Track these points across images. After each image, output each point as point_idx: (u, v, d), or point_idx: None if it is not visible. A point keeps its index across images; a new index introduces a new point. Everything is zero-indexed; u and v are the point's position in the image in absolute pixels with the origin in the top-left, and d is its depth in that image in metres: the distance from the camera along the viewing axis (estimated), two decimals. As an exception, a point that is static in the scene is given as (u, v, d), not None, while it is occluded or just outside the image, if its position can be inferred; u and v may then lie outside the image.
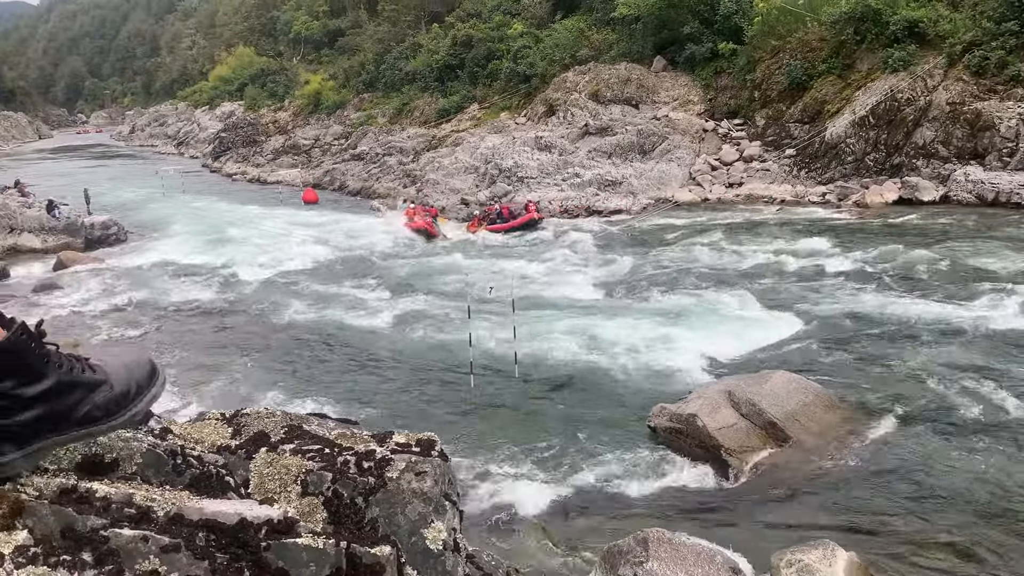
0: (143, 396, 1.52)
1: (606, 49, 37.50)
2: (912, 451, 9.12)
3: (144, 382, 1.53)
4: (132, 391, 1.52)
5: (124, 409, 1.51)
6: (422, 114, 44.11)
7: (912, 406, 10.22)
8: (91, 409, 1.47)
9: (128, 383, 1.52)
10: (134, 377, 1.53)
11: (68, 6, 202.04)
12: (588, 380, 12.36)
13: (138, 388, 1.53)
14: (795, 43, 30.57)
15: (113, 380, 1.52)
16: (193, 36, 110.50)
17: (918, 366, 11.59)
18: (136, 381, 1.53)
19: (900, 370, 11.52)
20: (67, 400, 1.45)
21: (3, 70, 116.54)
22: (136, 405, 1.51)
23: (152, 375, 1.55)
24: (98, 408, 1.48)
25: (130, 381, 1.52)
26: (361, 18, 62.87)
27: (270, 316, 17.12)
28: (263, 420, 1.91)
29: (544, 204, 27.73)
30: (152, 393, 1.54)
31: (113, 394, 1.50)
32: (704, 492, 8.74)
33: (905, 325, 13.47)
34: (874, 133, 26.21)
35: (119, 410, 1.50)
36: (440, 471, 1.78)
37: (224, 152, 52.19)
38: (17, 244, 25.09)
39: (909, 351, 12.27)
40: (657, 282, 17.72)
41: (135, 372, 1.54)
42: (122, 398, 1.51)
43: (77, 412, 1.46)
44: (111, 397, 1.50)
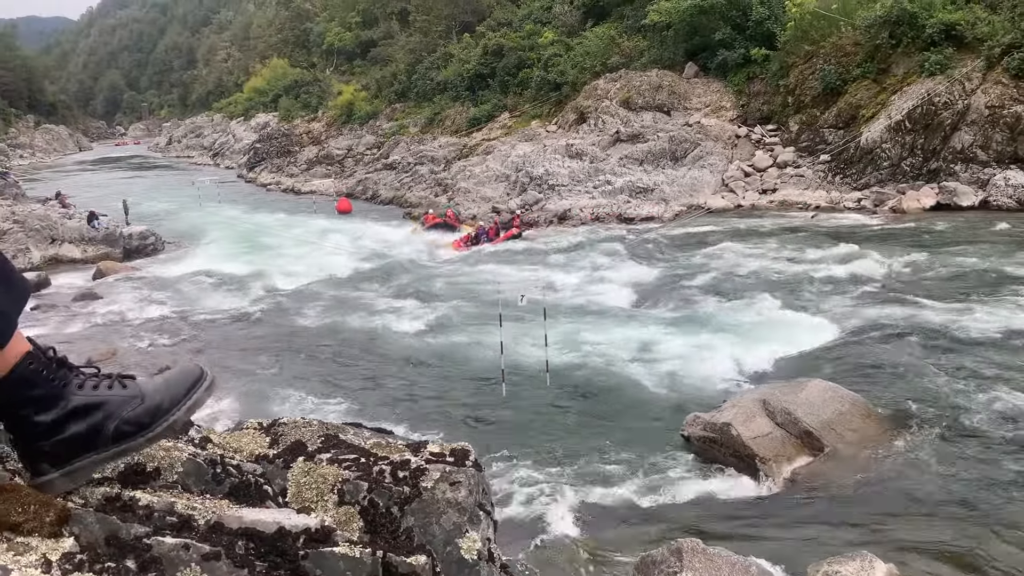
0: (181, 406, 1.51)
1: (637, 56, 37.42)
2: (953, 463, 8.94)
3: (181, 393, 1.53)
4: (165, 403, 1.51)
5: (157, 422, 1.50)
6: (453, 123, 44.32)
7: (953, 416, 10.02)
8: (120, 424, 1.48)
9: (162, 395, 1.52)
10: (170, 389, 1.52)
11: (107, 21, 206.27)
12: (620, 388, 12.30)
13: (172, 400, 1.51)
14: (829, 48, 30.26)
15: (146, 394, 1.52)
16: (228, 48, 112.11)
17: (959, 375, 11.38)
18: (171, 393, 1.52)
19: (940, 379, 11.31)
20: (92, 419, 1.46)
21: (45, 84, 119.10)
22: (172, 415, 1.51)
23: (196, 382, 1.55)
24: (128, 423, 1.48)
25: (164, 393, 1.51)
26: (393, 29, 63.35)
27: (304, 324, 17.29)
28: (300, 429, 1.93)
29: (576, 211, 27.73)
30: (194, 399, 1.53)
31: (144, 408, 1.50)
32: (739, 502, 8.65)
33: (944, 333, 13.23)
34: (911, 138, 25.84)
35: (152, 423, 1.49)
36: (474, 481, 1.79)
37: (259, 163, 52.84)
38: (58, 254, 25.62)
39: (948, 360, 12.05)
40: (690, 290, 17.61)
41: (173, 384, 1.54)
42: (154, 411, 1.50)
43: (107, 429, 1.47)
44: (142, 411, 1.49)
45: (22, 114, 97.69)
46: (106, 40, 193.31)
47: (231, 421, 10.17)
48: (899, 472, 8.77)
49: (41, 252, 25.17)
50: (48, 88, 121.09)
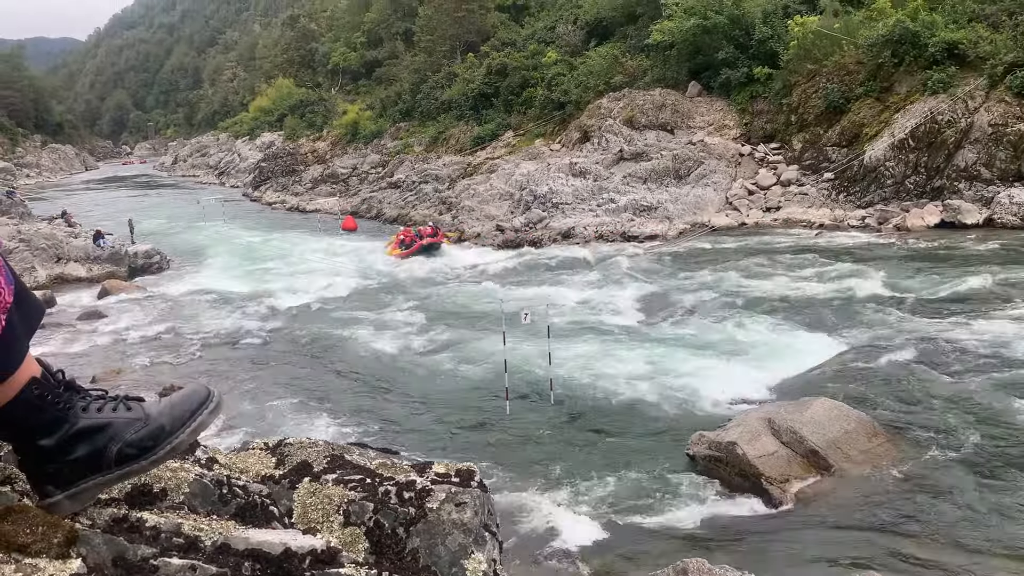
0: (185, 427, 1.51)
1: (640, 75, 37.61)
2: (958, 482, 8.89)
3: (187, 415, 1.52)
4: (168, 425, 1.50)
5: (160, 445, 1.49)
6: (457, 142, 44.51)
7: (959, 436, 9.98)
8: (123, 447, 1.48)
9: (166, 417, 1.52)
10: (174, 411, 1.52)
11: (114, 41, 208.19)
12: (625, 407, 12.28)
13: (176, 422, 1.51)
14: (831, 66, 30.38)
15: (150, 416, 1.52)
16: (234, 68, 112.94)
17: (963, 393, 11.34)
18: (175, 415, 1.52)
19: (944, 397, 11.27)
20: (96, 442, 1.47)
21: (52, 104, 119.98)
22: (176, 437, 1.50)
23: (202, 404, 1.55)
24: (131, 446, 1.48)
25: (169, 415, 1.51)
26: (398, 49, 63.77)
27: (307, 343, 17.30)
28: (305, 450, 1.94)
29: (579, 230, 27.78)
30: (198, 421, 1.52)
31: (146, 431, 1.50)
32: (744, 521, 8.61)
33: (950, 352, 13.18)
34: (914, 156, 25.88)
35: (155, 446, 1.49)
36: (480, 502, 1.79)
37: (264, 181, 53.08)
38: (64, 273, 25.71)
39: (953, 378, 12.01)
40: (694, 308, 17.60)
41: (178, 406, 1.54)
42: (157, 433, 1.50)
43: (110, 452, 1.47)
44: (144, 434, 1.49)
45: (29, 134, 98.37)
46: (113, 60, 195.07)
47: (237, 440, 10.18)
48: (905, 492, 8.72)
49: (47, 271, 25.27)
50: (55, 108, 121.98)
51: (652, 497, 9.19)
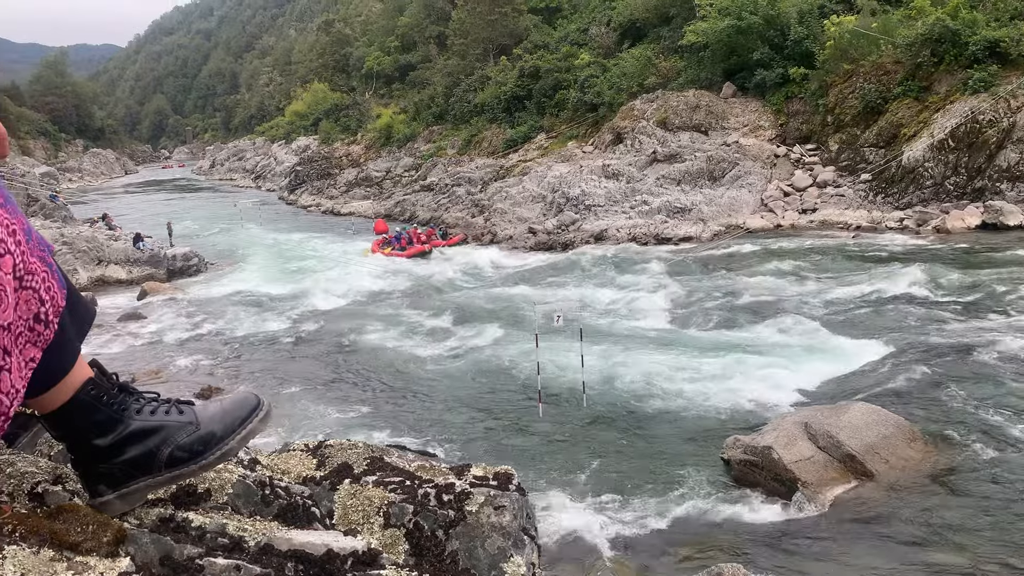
0: (235, 435, 1.54)
1: (674, 76, 37.42)
2: (1000, 492, 8.71)
3: (237, 422, 1.55)
4: (219, 432, 1.53)
5: (210, 451, 1.52)
6: (490, 145, 44.61)
7: (999, 443, 9.78)
8: (174, 451, 1.51)
9: (217, 423, 1.54)
10: (226, 417, 1.55)
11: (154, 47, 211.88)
12: (658, 410, 12.21)
13: (227, 428, 1.54)
14: (869, 66, 29.97)
15: (201, 421, 1.55)
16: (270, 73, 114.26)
17: (1004, 400, 11.11)
18: (226, 421, 1.55)
19: (985, 403, 11.05)
20: (148, 444, 1.50)
21: (93, 109, 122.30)
22: (227, 444, 1.53)
23: (252, 412, 1.57)
24: (182, 449, 1.51)
25: (220, 421, 1.54)
26: (431, 53, 64.08)
27: (341, 344, 17.45)
28: (346, 451, 1.96)
29: (612, 232, 27.71)
30: (248, 429, 1.55)
31: (197, 436, 1.52)
32: (780, 527, 8.51)
33: (990, 356, 12.92)
34: (954, 156, 25.43)
35: (205, 451, 1.52)
36: (518, 505, 1.80)
37: (299, 185, 53.65)
38: (104, 275, 26.20)
39: (995, 383, 11.77)
40: (728, 310, 17.46)
41: (229, 413, 1.56)
42: (208, 439, 1.52)
43: (161, 454, 1.50)
44: (195, 439, 1.52)
45: (71, 138, 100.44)
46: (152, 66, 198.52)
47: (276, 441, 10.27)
48: (945, 500, 8.57)
49: (88, 273, 25.76)
50: (96, 113, 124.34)
51: (686, 501, 9.13)
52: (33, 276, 1.32)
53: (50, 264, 1.38)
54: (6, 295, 1.26)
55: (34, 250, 1.34)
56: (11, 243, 1.27)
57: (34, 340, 1.33)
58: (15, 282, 1.28)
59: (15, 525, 1.34)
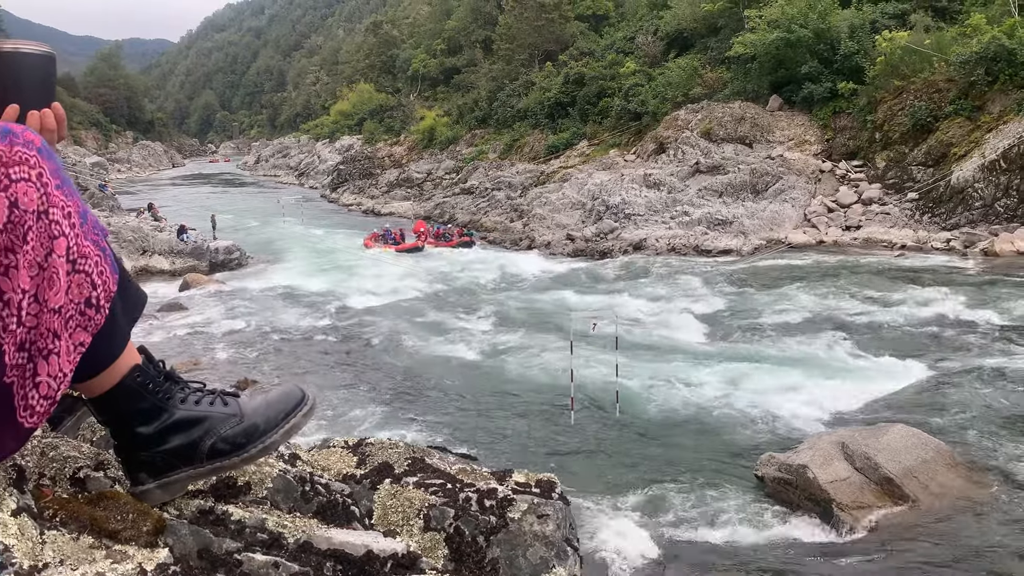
0: (278, 429, 1.51)
1: (720, 88, 37.10)
2: (1046, 520, 8.46)
3: (280, 416, 1.52)
4: (262, 425, 1.51)
5: (252, 444, 1.50)
6: (531, 150, 44.62)
7: (1045, 472, 9.51)
8: (216, 442, 1.49)
9: (260, 416, 1.52)
10: (269, 411, 1.53)
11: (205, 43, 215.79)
12: (692, 423, 12.08)
13: (270, 422, 1.51)
14: (920, 84, 29.46)
15: (245, 414, 1.53)
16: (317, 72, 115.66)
17: (1053, 428, 10.81)
18: (269, 415, 1.52)
19: (1032, 431, 10.76)
20: (192, 434, 1.48)
21: (144, 102, 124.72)
22: (269, 438, 1.50)
23: (297, 406, 1.55)
24: (224, 441, 1.49)
25: (263, 414, 1.52)
26: (476, 57, 64.35)
27: (379, 343, 17.54)
28: (387, 451, 1.93)
29: (651, 242, 27.54)
30: (292, 423, 1.52)
31: (240, 428, 1.50)
32: (814, 548, 8.35)
33: (1038, 383, 12.59)
34: (1006, 178, 24.86)
35: (247, 443, 1.50)
36: (562, 515, 1.76)
37: (342, 183, 54.16)
38: (148, 265, 26.65)
39: (1042, 411, 11.45)
40: (767, 326, 17.22)
41: (273, 406, 1.54)
42: (251, 432, 1.50)
43: (203, 445, 1.49)
44: (238, 431, 1.50)
45: (122, 130, 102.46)
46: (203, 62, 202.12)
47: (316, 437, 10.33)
48: (985, 529, 8.33)
49: (132, 262, 26.21)
50: (147, 106, 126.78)
51: (719, 517, 9.00)
52: (86, 260, 1.31)
53: (104, 248, 1.37)
54: (58, 278, 1.25)
55: (88, 233, 1.33)
56: (66, 225, 1.27)
57: (84, 324, 1.32)
58: (68, 265, 1.27)
59: (56, 510, 1.33)
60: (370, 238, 32.07)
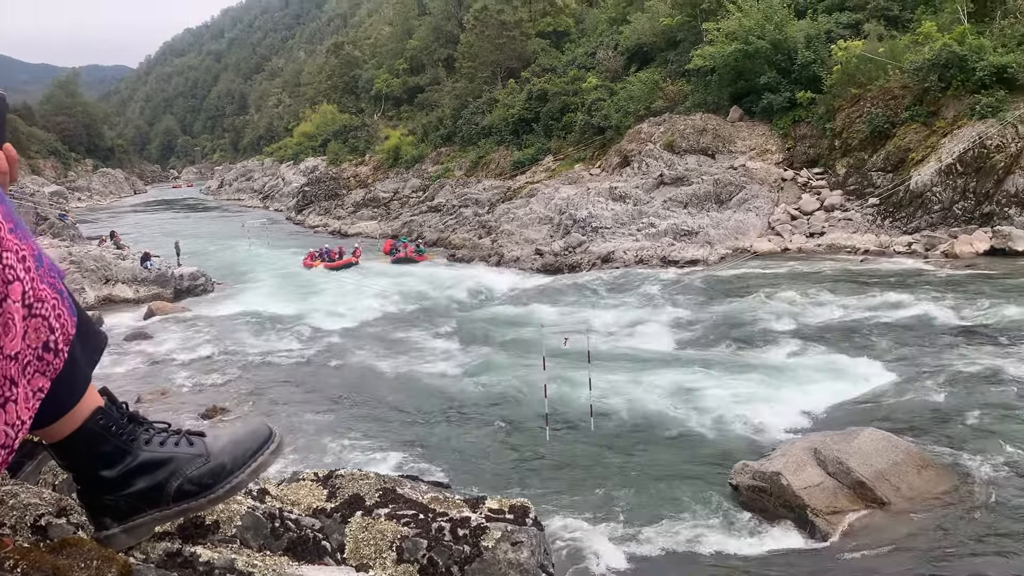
0: (245, 468, 1.49)
1: (681, 100, 37.54)
2: (1011, 520, 8.60)
3: (247, 456, 1.50)
4: (229, 464, 1.49)
5: (219, 484, 1.48)
6: (497, 166, 44.74)
7: (1008, 468, 9.68)
8: (183, 483, 1.47)
9: (227, 456, 1.50)
10: (236, 449, 1.51)
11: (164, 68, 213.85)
12: (666, 435, 12.12)
13: (237, 461, 1.49)
14: (876, 91, 30.05)
15: (211, 453, 1.50)
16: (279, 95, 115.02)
17: (1013, 426, 11.01)
18: (236, 453, 1.50)
19: (994, 430, 10.95)
20: (157, 476, 1.46)
21: (104, 129, 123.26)
22: (237, 477, 1.48)
23: (263, 444, 1.53)
24: (191, 482, 1.47)
25: (230, 453, 1.50)
26: (439, 75, 64.49)
27: (349, 367, 17.39)
28: (357, 482, 1.91)
29: (619, 254, 27.69)
30: (259, 462, 1.50)
31: (207, 468, 1.48)
32: (789, 554, 8.40)
33: (999, 382, 12.83)
34: (962, 181, 25.40)
35: (215, 484, 1.48)
36: (536, 541, 1.75)
37: (307, 205, 53.83)
38: (112, 294, 26.20)
39: (1004, 410, 11.67)
40: (736, 334, 17.37)
41: (240, 444, 1.52)
42: (218, 472, 1.48)
43: (169, 487, 1.46)
44: (205, 471, 1.48)
45: (81, 158, 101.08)
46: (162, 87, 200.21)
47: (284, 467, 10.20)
48: (957, 528, 8.45)
49: (96, 292, 25.79)
50: (107, 133, 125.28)
51: (695, 528, 9.02)
52: (43, 303, 1.28)
53: (60, 291, 1.34)
54: (14, 323, 1.22)
55: (44, 276, 1.30)
56: (21, 269, 1.24)
57: (43, 370, 1.29)
58: (24, 310, 1.24)
59: (16, 560, 1.29)
60: (308, 257, 32.76)
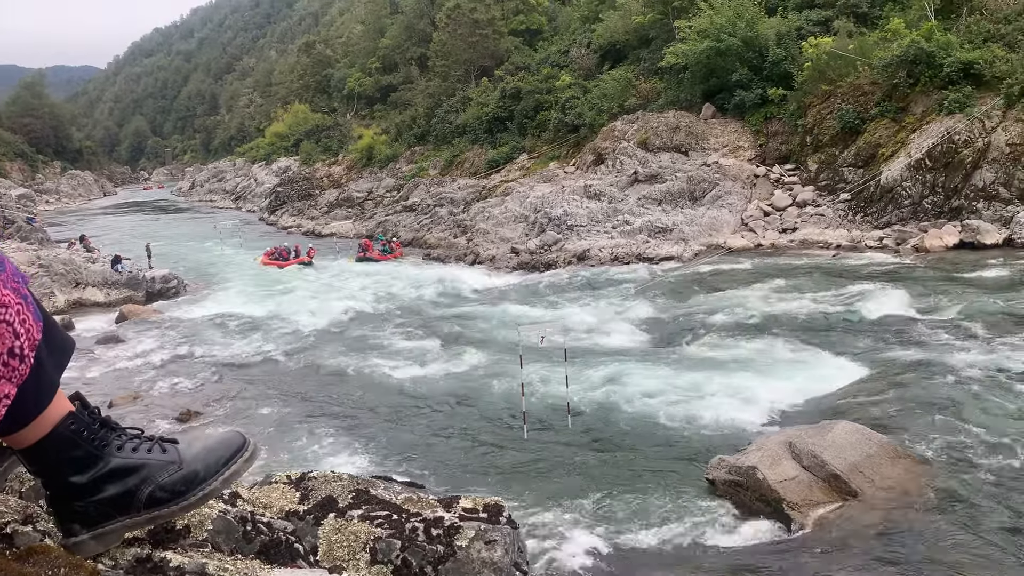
0: (218, 476, 1.47)
1: (654, 98, 37.72)
2: (983, 510, 8.72)
3: (220, 463, 1.49)
4: (202, 472, 1.48)
5: (191, 491, 1.47)
6: (472, 165, 44.71)
7: (980, 460, 9.82)
8: (154, 490, 1.45)
9: (200, 463, 1.49)
10: (209, 457, 1.50)
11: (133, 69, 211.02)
12: (643, 431, 12.17)
13: (210, 469, 1.48)
14: (846, 87, 30.37)
15: (184, 460, 1.49)
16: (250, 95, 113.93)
17: (982, 417, 11.17)
18: (209, 461, 1.49)
19: (967, 421, 11.10)
20: (128, 483, 1.44)
21: (72, 131, 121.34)
22: (209, 485, 1.47)
23: (237, 452, 1.51)
24: (163, 489, 1.46)
25: (203, 461, 1.48)
26: (412, 74, 64.26)
27: (323, 368, 17.29)
28: (330, 484, 1.90)
29: (595, 251, 27.78)
30: (232, 470, 1.49)
31: (180, 475, 1.47)
32: (766, 547, 8.47)
33: (972, 374, 13.01)
34: (931, 176, 25.75)
35: (187, 491, 1.47)
36: (510, 539, 1.74)
37: (280, 206, 53.45)
38: (82, 298, 25.87)
39: (975, 401, 11.83)
40: (712, 330, 17.48)
41: (214, 452, 1.51)
42: (190, 479, 1.47)
43: (141, 494, 1.44)
44: (177, 479, 1.47)
45: (49, 160, 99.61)
46: (132, 87, 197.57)
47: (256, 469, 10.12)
48: (930, 519, 8.56)
49: (65, 296, 25.45)
50: (75, 135, 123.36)
51: (672, 523, 9.07)
52: (7, 309, 1.26)
53: (25, 296, 1.32)
54: None
55: (8, 281, 1.28)
56: None
57: (8, 376, 1.27)
58: None
59: (-18, 569, 1.27)
60: (266, 255, 33.38)
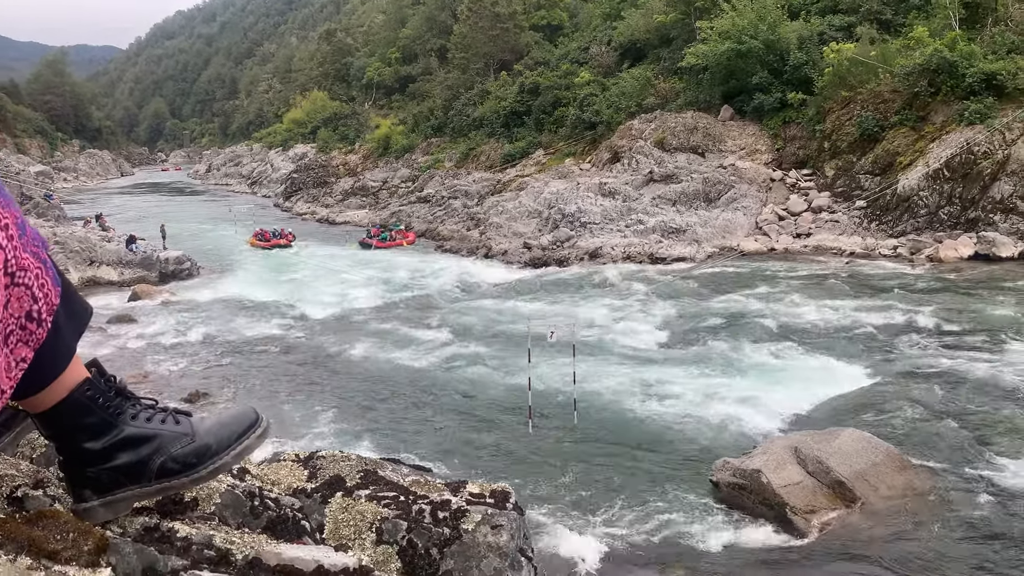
0: (230, 450, 1.48)
1: (673, 98, 37.59)
2: (989, 521, 8.68)
3: (232, 438, 1.50)
4: (214, 446, 1.48)
5: (203, 464, 1.47)
6: (488, 159, 44.68)
7: (986, 471, 9.77)
8: (166, 461, 1.45)
9: (213, 437, 1.49)
10: (222, 431, 1.50)
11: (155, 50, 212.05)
12: (648, 430, 12.16)
13: (222, 443, 1.49)
14: (866, 94, 30.19)
15: (197, 433, 1.50)
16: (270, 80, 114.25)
17: (994, 430, 11.11)
18: (222, 435, 1.50)
19: (975, 433, 11.04)
20: (140, 452, 1.45)
21: (91, 110, 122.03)
22: (221, 459, 1.48)
23: (250, 427, 1.52)
24: (175, 461, 1.46)
25: (216, 435, 1.49)
26: (432, 65, 64.26)
27: (333, 353, 17.36)
28: (338, 463, 1.91)
29: (607, 250, 27.75)
30: (244, 444, 1.49)
31: (192, 448, 1.47)
32: (767, 551, 8.46)
33: (982, 386, 12.94)
34: (949, 186, 25.57)
35: (198, 464, 1.47)
36: (516, 525, 1.75)
37: (295, 192, 53.60)
38: (96, 276, 26.04)
39: (985, 414, 11.77)
40: (720, 332, 17.43)
41: (227, 426, 1.51)
42: (202, 452, 1.47)
43: (152, 464, 1.45)
44: (189, 451, 1.47)
45: (68, 138, 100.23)
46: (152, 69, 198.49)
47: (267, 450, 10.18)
48: (933, 529, 8.53)
49: (80, 273, 25.60)
50: (95, 114, 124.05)
51: (675, 523, 9.06)
52: (26, 272, 1.27)
53: (44, 260, 1.32)
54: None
55: (27, 245, 1.28)
56: (2, 237, 1.22)
57: (26, 339, 1.27)
58: (6, 278, 1.23)
59: (-8, 530, 1.28)
60: (254, 236, 35.07)
